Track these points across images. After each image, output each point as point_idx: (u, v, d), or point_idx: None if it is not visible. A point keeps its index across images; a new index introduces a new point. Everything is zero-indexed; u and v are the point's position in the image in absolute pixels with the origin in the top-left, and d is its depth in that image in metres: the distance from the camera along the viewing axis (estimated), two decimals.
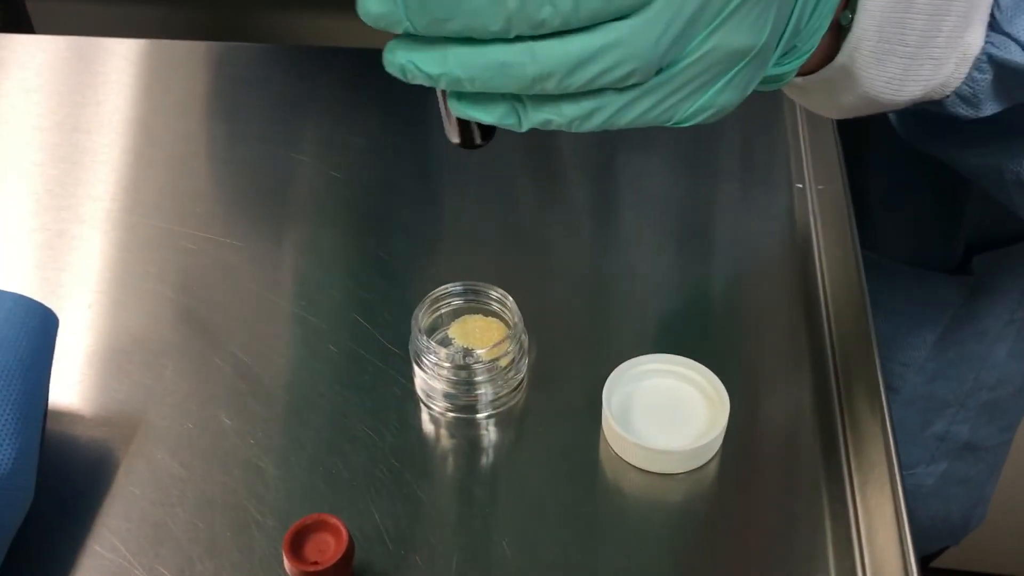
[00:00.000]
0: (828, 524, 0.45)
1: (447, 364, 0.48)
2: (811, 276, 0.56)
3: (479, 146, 0.39)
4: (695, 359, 0.49)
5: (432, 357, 0.49)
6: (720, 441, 0.48)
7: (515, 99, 0.36)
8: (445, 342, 0.51)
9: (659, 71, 0.35)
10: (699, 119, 0.38)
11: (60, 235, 0.60)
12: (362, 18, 0.34)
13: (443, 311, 0.51)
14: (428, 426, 0.50)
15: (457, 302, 0.51)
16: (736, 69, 0.36)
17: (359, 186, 0.64)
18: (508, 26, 0.33)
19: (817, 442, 0.48)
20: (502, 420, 0.50)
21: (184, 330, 0.54)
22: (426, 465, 0.48)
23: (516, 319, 0.50)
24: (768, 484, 0.47)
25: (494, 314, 0.51)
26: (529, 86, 0.34)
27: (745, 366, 0.52)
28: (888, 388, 0.46)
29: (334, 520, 0.43)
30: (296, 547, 0.42)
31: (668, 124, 0.38)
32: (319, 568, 0.41)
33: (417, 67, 0.35)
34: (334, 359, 0.53)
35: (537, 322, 0.54)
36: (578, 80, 0.34)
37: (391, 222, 0.60)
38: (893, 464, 0.42)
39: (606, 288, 0.52)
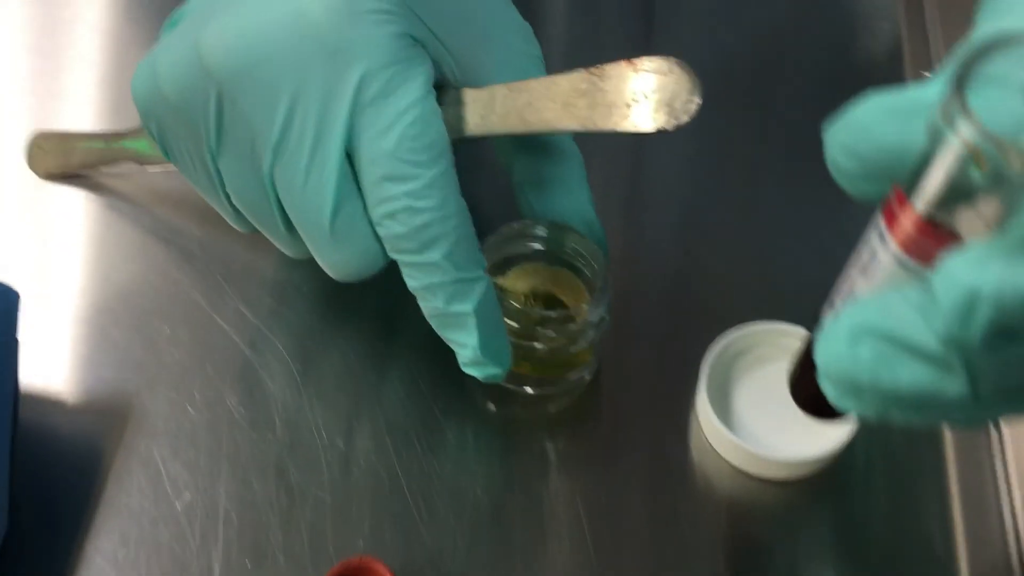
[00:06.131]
0: (964, 554, 0.38)
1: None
2: None
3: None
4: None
5: None
6: (842, 449, 0.39)
7: None
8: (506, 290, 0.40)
9: None
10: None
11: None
12: None
13: (510, 253, 0.40)
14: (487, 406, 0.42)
15: (536, 246, 0.40)
16: None
17: None
18: None
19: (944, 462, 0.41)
20: (570, 399, 0.42)
21: (178, 279, 0.45)
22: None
23: (600, 278, 0.39)
24: (888, 500, 0.40)
25: (570, 266, 0.40)
26: None
27: None
28: None
29: (378, 566, 0.35)
30: None
31: None
32: None
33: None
34: (366, 321, 0.43)
35: (621, 279, 0.43)
36: None
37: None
38: None
39: (708, 238, 0.43)
